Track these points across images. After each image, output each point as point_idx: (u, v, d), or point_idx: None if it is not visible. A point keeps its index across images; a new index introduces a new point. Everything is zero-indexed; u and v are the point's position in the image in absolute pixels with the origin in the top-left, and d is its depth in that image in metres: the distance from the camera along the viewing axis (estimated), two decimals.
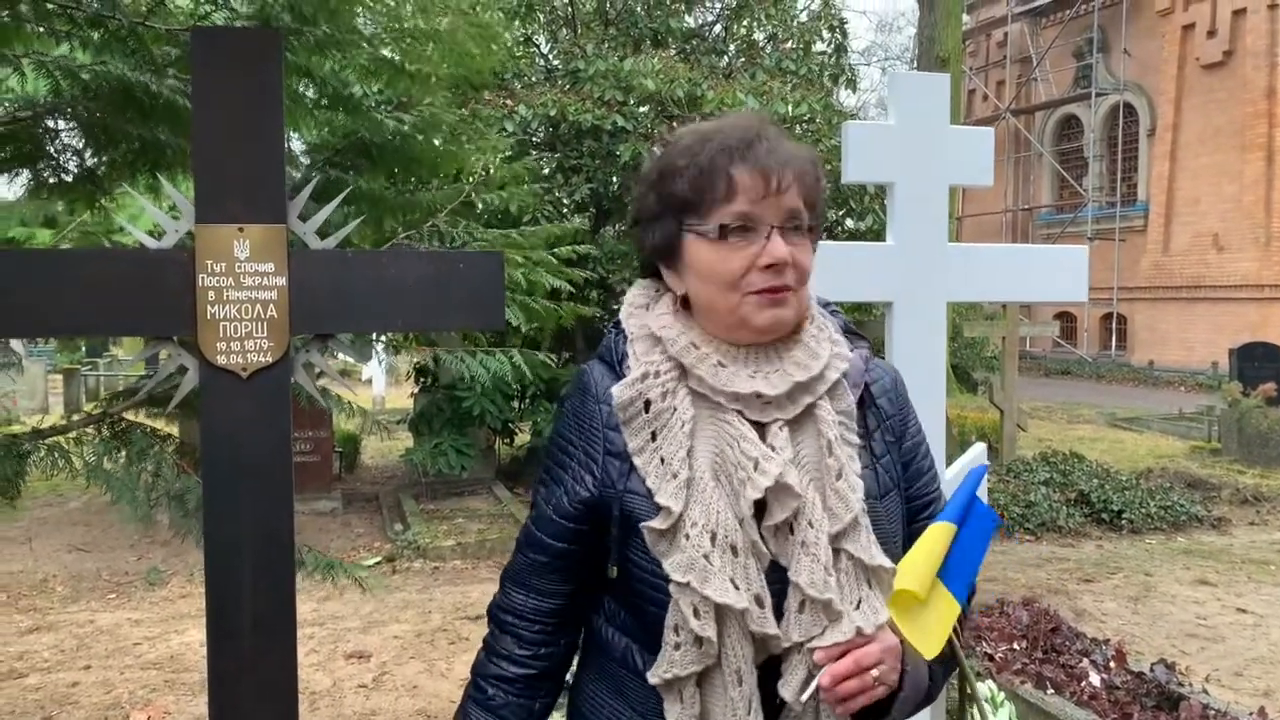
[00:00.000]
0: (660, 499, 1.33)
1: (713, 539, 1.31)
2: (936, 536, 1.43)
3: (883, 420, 1.50)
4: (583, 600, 1.53)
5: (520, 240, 3.89)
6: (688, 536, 1.31)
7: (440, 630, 5.72)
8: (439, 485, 9.28)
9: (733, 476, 1.34)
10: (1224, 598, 6.54)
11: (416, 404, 9.82)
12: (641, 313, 1.50)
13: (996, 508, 7.93)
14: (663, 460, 1.35)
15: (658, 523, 1.33)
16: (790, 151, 1.40)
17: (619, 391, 1.40)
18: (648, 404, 1.38)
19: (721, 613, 1.31)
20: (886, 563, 1.36)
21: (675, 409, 1.38)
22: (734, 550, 1.31)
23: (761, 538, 1.34)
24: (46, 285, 1.92)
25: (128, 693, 4.81)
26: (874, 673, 1.30)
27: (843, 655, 1.30)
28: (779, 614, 1.33)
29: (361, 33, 2.91)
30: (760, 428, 1.38)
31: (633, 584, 1.40)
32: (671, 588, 1.32)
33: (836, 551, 1.34)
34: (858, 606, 1.33)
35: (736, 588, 1.30)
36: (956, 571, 1.48)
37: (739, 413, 1.37)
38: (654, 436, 1.37)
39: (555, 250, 3.96)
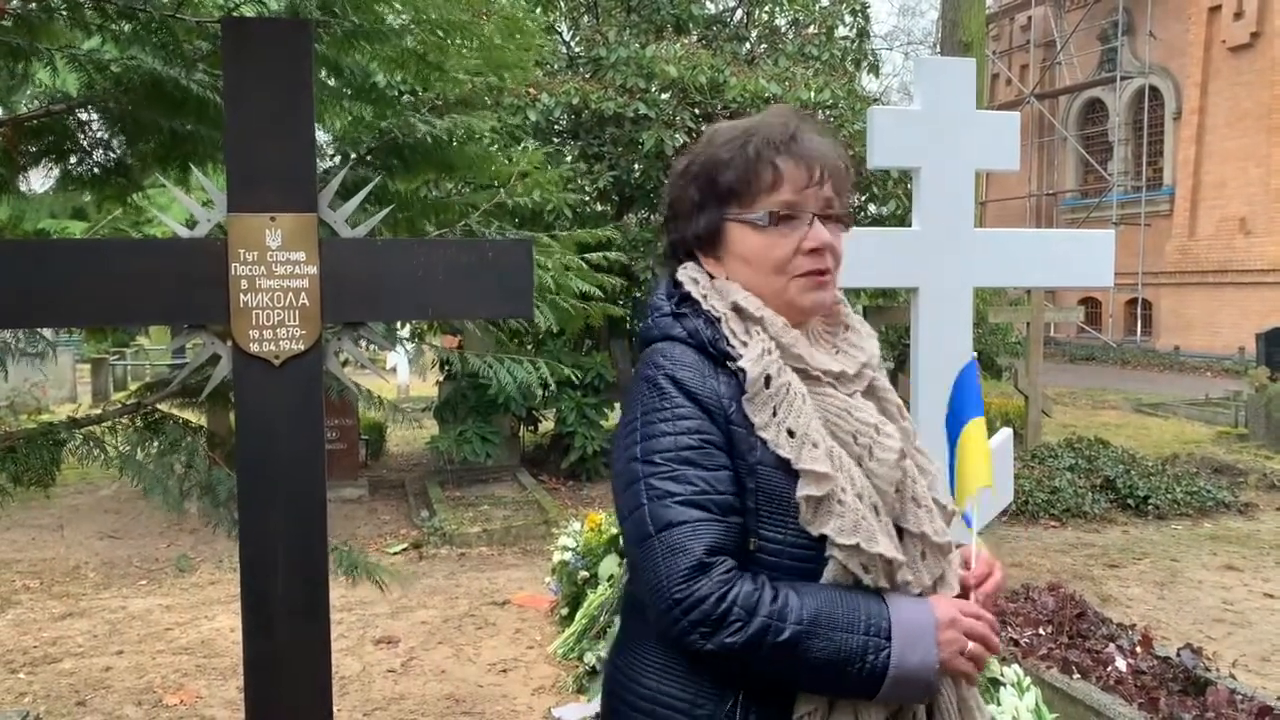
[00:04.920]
0: (810, 466, 1.36)
1: (860, 500, 1.38)
2: (977, 434, 1.69)
3: None
4: None
5: (551, 243, 3.91)
6: (841, 502, 1.36)
7: (467, 616, 5.76)
8: (464, 472, 9.34)
9: (850, 444, 1.42)
10: (1251, 583, 6.51)
11: (441, 392, 9.87)
12: (714, 295, 1.51)
13: (1021, 494, 7.93)
14: (791, 433, 1.39)
15: (814, 489, 1.36)
16: (825, 144, 1.52)
17: (751, 367, 1.42)
18: (768, 379, 1.42)
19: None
20: (952, 503, 1.57)
21: (790, 384, 1.43)
22: (876, 510, 1.40)
23: None
24: (80, 275, 1.94)
25: (160, 677, 4.88)
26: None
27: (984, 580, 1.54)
28: None
29: (390, 24, 2.93)
30: None
31: (757, 556, 1.38)
32: (836, 552, 1.36)
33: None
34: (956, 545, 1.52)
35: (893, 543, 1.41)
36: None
37: (832, 385, 1.47)
38: (774, 412, 1.41)
39: (586, 255, 3.99)
